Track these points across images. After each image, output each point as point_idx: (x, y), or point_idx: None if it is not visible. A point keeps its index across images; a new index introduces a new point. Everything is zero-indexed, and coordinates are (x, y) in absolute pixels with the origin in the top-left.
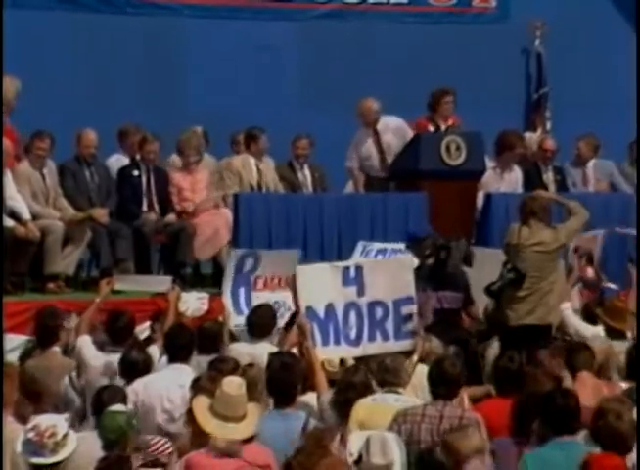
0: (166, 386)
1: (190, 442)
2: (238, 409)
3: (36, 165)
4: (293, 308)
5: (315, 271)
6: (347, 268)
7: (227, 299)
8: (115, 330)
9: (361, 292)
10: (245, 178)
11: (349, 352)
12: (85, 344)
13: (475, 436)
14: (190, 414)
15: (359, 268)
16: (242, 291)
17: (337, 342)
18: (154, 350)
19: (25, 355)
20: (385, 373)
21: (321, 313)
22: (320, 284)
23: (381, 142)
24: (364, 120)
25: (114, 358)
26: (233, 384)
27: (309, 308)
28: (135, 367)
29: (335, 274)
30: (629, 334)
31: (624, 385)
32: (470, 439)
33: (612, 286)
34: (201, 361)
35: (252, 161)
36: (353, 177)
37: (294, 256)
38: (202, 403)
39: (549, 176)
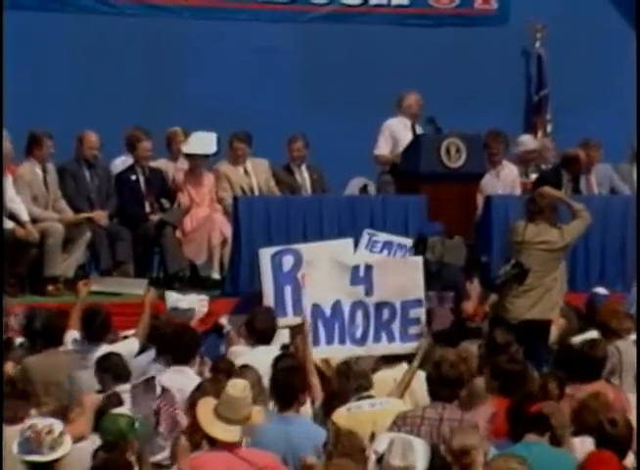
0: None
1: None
2: (242, 411)
3: (38, 168)
4: None
5: (324, 268)
6: (357, 267)
7: (269, 300)
8: (92, 328)
9: (369, 291)
10: (234, 182)
11: (353, 352)
12: (69, 340)
13: (473, 435)
14: (191, 411)
15: (369, 267)
16: (288, 290)
17: (342, 341)
18: (133, 343)
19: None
20: (360, 378)
21: (327, 311)
22: (328, 281)
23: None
24: (410, 112)
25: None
26: (238, 386)
27: (316, 306)
28: (115, 371)
29: (343, 272)
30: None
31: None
32: (467, 436)
33: (602, 291)
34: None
35: (237, 164)
36: (383, 163)
37: (348, 245)
38: (206, 406)
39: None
